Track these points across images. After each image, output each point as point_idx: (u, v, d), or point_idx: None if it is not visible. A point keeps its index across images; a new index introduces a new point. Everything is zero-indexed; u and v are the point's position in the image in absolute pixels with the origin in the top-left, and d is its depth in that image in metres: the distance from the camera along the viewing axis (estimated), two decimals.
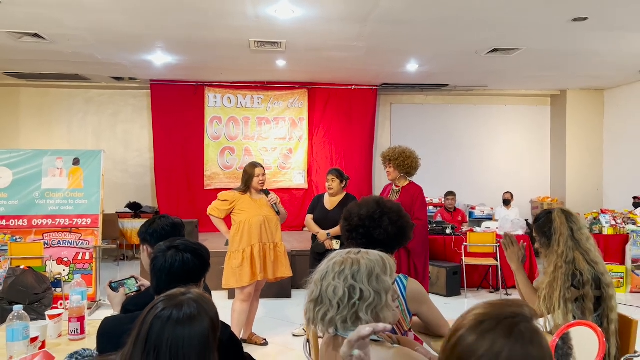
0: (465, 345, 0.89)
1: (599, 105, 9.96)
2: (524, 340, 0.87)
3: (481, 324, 0.90)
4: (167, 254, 1.81)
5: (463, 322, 0.93)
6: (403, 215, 2.29)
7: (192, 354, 1.15)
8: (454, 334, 0.93)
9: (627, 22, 5.75)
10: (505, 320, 0.89)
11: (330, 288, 1.51)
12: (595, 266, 2.44)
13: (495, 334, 0.87)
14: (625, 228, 7.19)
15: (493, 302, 0.97)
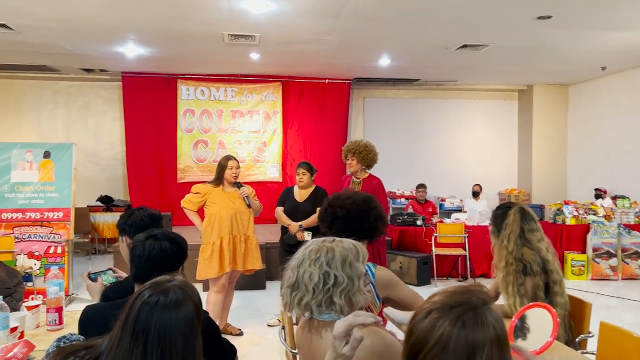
0: (420, 332, 0.97)
1: (564, 100, 10.30)
2: (468, 326, 0.94)
3: (429, 313, 0.97)
4: (146, 243, 1.87)
5: (419, 312, 1.00)
6: (383, 212, 2.44)
7: (178, 336, 1.22)
8: (411, 321, 1.00)
9: (590, 20, 5.99)
10: (454, 309, 0.96)
11: (306, 274, 1.60)
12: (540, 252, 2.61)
13: (444, 322, 0.94)
14: (587, 218, 7.51)
15: (447, 291, 1.03)
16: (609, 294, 6.52)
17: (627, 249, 7.26)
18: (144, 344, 1.20)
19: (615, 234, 7.28)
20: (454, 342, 0.92)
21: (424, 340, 0.95)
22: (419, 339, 0.95)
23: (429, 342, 0.94)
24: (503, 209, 2.81)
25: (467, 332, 0.93)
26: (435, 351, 0.93)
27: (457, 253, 6.99)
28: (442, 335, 0.93)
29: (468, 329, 0.94)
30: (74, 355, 1.26)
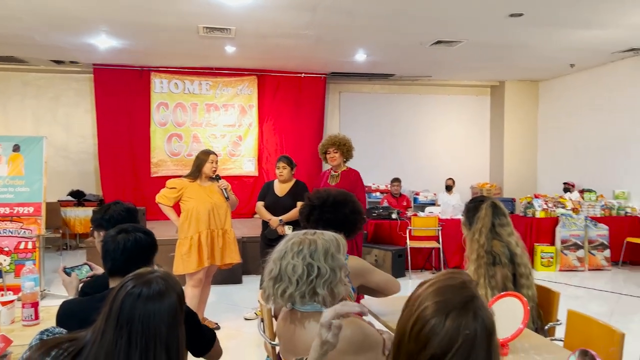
0: (444, 334, 0.99)
1: (534, 96, 10.55)
2: (484, 317, 1.01)
3: (448, 314, 1.00)
4: (118, 237, 1.88)
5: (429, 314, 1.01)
6: (360, 208, 2.49)
7: (162, 327, 1.24)
8: (424, 325, 1.01)
9: (560, 18, 6.15)
10: (468, 304, 1.01)
11: (289, 266, 1.63)
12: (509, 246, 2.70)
13: (467, 321, 0.98)
14: (556, 211, 7.73)
15: (446, 286, 1.05)
16: (576, 285, 6.74)
17: (593, 241, 7.50)
18: (128, 335, 1.21)
19: (582, 226, 7.52)
20: (480, 337, 0.98)
21: (451, 341, 0.97)
22: (444, 340, 0.97)
23: (456, 342, 0.97)
24: (475, 203, 2.89)
25: (485, 323, 1.00)
26: (465, 348, 0.96)
27: (431, 246, 7.11)
28: (469, 334, 0.97)
29: (485, 320, 1.00)
30: (58, 348, 1.27)
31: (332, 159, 4.80)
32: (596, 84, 8.96)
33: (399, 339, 1.05)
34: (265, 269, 1.71)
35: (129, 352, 1.21)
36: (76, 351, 1.26)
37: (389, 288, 2.43)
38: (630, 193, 8.23)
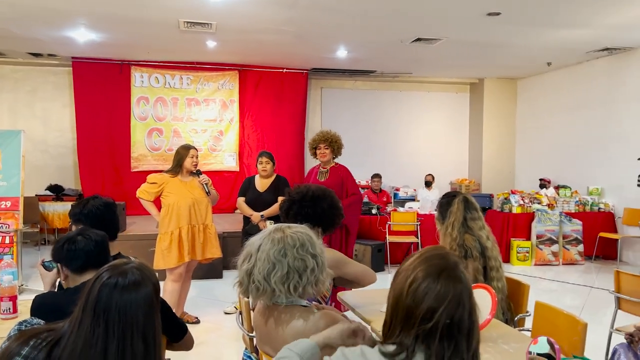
0: (435, 294, 1.22)
1: (513, 94, 10.73)
2: (468, 279, 1.28)
3: (439, 276, 1.24)
4: (78, 237, 1.93)
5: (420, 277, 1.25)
6: (335, 199, 2.55)
7: (139, 315, 1.28)
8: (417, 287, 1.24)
9: (537, 18, 6.28)
10: (456, 269, 1.26)
11: (265, 262, 1.65)
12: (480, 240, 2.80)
13: (456, 283, 1.23)
14: (532, 207, 7.90)
15: (433, 256, 1.29)
16: (551, 278, 6.92)
17: (567, 236, 7.70)
18: (105, 324, 1.25)
19: (557, 221, 7.70)
20: (464, 295, 1.23)
21: (442, 297, 1.20)
22: (437, 297, 1.20)
23: (446, 299, 1.20)
24: (448, 198, 2.97)
25: (467, 285, 1.25)
26: (452, 304, 1.20)
27: (410, 240, 7.22)
28: (455, 292, 1.21)
29: (467, 283, 1.26)
30: (36, 338, 1.30)
31: (323, 155, 4.84)
32: (572, 82, 9.15)
33: (397, 298, 1.27)
34: (241, 263, 1.74)
35: (106, 341, 1.25)
36: (54, 341, 1.29)
37: (365, 278, 2.50)
38: (604, 189, 8.45)
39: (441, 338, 1.19)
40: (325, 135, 4.81)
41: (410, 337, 1.22)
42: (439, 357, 1.19)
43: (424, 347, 1.21)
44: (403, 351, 1.22)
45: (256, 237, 1.77)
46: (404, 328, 1.23)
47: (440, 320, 1.19)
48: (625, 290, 3.26)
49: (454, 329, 1.20)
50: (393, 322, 1.27)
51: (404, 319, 1.24)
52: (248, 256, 1.72)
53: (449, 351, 1.19)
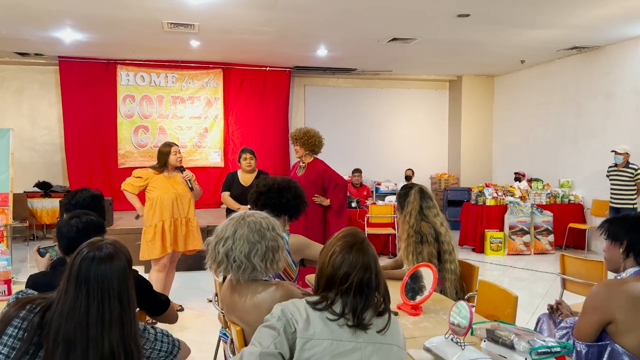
0: (349, 261, 1.60)
1: (490, 90, 11.07)
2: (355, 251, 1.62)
3: (351, 248, 1.62)
4: (71, 221, 2.18)
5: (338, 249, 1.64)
6: (300, 191, 2.82)
7: (114, 282, 1.55)
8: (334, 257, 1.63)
9: (506, 18, 6.58)
10: (365, 242, 1.66)
11: (236, 243, 1.94)
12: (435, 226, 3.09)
13: (364, 253, 1.62)
14: (505, 199, 8.24)
15: (346, 235, 1.68)
16: (522, 267, 7.25)
17: (538, 227, 8.05)
18: (86, 290, 1.52)
19: (529, 213, 8.05)
20: (372, 263, 1.61)
21: (354, 264, 1.58)
22: (351, 264, 1.58)
23: (357, 265, 1.58)
24: (406, 189, 3.27)
25: (373, 255, 1.65)
26: (362, 269, 1.58)
27: (387, 232, 7.53)
28: (364, 260, 1.60)
29: (373, 253, 1.65)
30: (31, 304, 1.56)
31: (296, 151, 5.10)
32: (544, 79, 9.51)
33: (321, 268, 1.65)
34: (214, 246, 2.00)
35: (88, 304, 1.52)
36: (46, 306, 1.56)
37: None
38: (574, 182, 8.81)
39: (355, 294, 1.57)
40: (296, 133, 5.05)
41: (332, 294, 1.59)
42: (353, 307, 1.56)
43: (341, 300, 1.58)
44: (324, 301, 1.58)
45: (226, 223, 2.04)
46: (326, 287, 1.61)
47: (354, 281, 1.57)
48: (569, 272, 3.58)
49: (364, 287, 1.58)
50: (319, 284, 1.64)
51: (327, 281, 1.61)
52: (224, 240, 1.99)
53: (361, 303, 1.57)
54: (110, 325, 1.54)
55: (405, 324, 2.31)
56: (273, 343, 1.51)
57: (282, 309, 1.58)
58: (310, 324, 1.54)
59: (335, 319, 1.55)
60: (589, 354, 1.94)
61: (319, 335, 1.53)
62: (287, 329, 1.53)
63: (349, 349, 1.53)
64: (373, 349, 1.54)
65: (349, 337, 1.54)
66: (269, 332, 1.54)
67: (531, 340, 1.74)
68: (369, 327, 1.56)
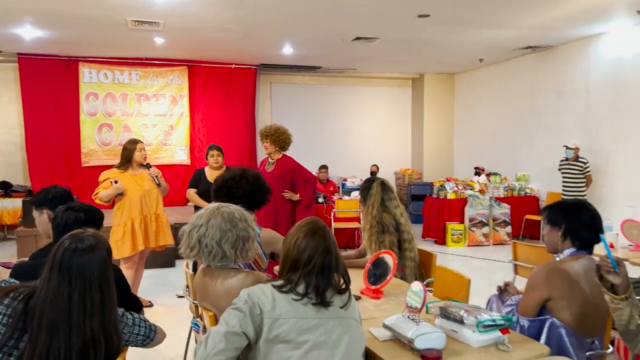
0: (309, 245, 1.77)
1: (451, 88, 11.43)
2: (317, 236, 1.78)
3: (315, 234, 1.79)
4: (65, 213, 2.24)
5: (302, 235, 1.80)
6: (260, 180, 2.90)
7: (95, 272, 1.66)
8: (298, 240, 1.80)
9: (464, 19, 6.84)
10: (325, 229, 1.82)
11: (209, 231, 2.06)
12: (395, 217, 3.28)
13: (323, 239, 1.78)
14: (465, 193, 8.57)
15: (307, 223, 1.84)
16: (482, 257, 7.58)
17: (497, 219, 8.41)
18: (69, 279, 1.62)
19: (487, 205, 8.40)
20: (333, 246, 1.79)
21: (317, 248, 1.75)
22: (313, 248, 1.75)
23: (319, 249, 1.74)
24: (368, 183, 3.45)
25: (332, 240, 1.81)
26: (322, 252, 1.74)
27: (353, 226, 7.73)
28: (325, 245, 1.77)
29: (332, 238, 1.82)
30: (14, 291, 1.65)
31: (265, 148, 5.21)
32: (502, 77, 9.90)
33: (286, 252, 1.80)
34: (189, 232, 2.12)
35: (70, 292, 1.62)
36: (30, 294, 1.65)
37: None
38: (530, 175, 9.23)
39: (317, 275, 1.74)
40: (263, 130, 5.16)
41: (296, 276, 1.75)
42: (316, 286, 1.73)
43: (304, 281, 1.74)
44: (289, 284, 1.74)
45: (201, 212, 2.17)
46: (291, 270, 1.77)
47: (317, 263, 1.74)
48: (520, 259, 3.84)
49: (325, 268, 1.75)
50: (284, 268, 1.79)
51: (293, 265, 1.77)
52: (198, 227, 2.11)
53: (323, 283, 1.74)
54: (92, 312, 1.64)
55: (368, 306, 2.49)
56: (239, 323, 1.65)
57: (248, 293, 1.72)
58: (276, 305, 1.69)
59: (299, 298, 1.71)
60: (531, 328, 2.16)
61: (285, 315, 1.68)
62: (253, 312, 1.67)
63: (313, 325, 1.69)
64: (335, 323, 1.71)
65: (313, 314, 1.70)
66: (236, 313, 1.68)
67: (478, 315, 1.93)
68: (330, 304, 1.73)
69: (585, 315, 2.11)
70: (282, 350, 1.65)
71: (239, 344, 1.65)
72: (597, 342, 2.19)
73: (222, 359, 1.61)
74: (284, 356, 1.65)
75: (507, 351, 1.89)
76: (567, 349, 2.07)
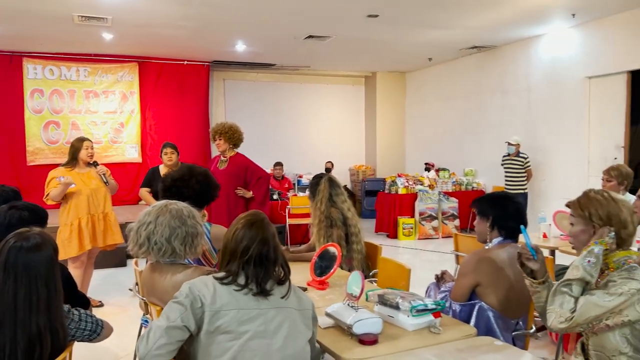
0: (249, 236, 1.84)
1: (402, 86, 11.73)
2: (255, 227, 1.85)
3: (252, 226, 1.87)
4: (9, 212, 2.24)
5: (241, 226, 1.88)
6: (209, 178, 2.95)
7: (41, 270, 1.69)
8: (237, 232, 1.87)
9: (411, 19, 7.07)
10: (265, 220, 1.91)
11: (158, 227, 2.11)
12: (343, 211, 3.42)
13: (262, 230, 1.86)
14: (415, 188, 8.85)
15: (247, 215, 1.93)
16: (431, 250, 7.86)
17: (445, 212, 8.74)
18: (14, 276, 1.65)
19: (436, 200, 8.71)
20: (271, 238, 1.86)
21: (253, 239, 1.82)
22: (250, 239, 1.81)
23: (256, 241, 1.81)
24: (316, 179, 3.57)
25: (272, 231, 1.88)
26: (261, 243, 1.82)
27: (307, 222, 7.84)
28: (263, 236, 1.84)
29: (272, 229, 1.89)
30: None
31: (218, 146, 5.20)
32: (450, 75, 10.25)
33: (226, 243, 1.87)
34: (137, 230, 2.16)
35: (16, 289, 1.65)
36: None
37: None
38: (477, 171, 9.62)
39: (255, 265, 1.80)
40: (217, 127, 5.16)
41: (235, 266, 1.81)
42: (255, 277, 1.80)
43: (244, 272, 1.80)
44: (230, 276, 1.80)
45: (149, 209, 2.20)
46: (230, 261, 1.83)
47: (254, 253, 1.80)
48: (461, 249, 4.06)
49: (263, 259, 1.81)
50: (224, 259, 1.86)
51: (231, 255, 1.84)
52: (146, 224, 2.15)
53: (262, 273, 1.81)
54: (38, 308, 1.68)
55: (314, 297, 2.60)
56: (180, 317, 1.71)
57: (190, 286, 1.77)
58: (217, 298, 1.75)
59: (240, 289, 1.78)
60: (462, 312, 2.33)
61: (226, 307, 1.74)
62: (194, 305, 1.73)
63: (253, 315, 1.76)
64: (275, 312, 1.79)
65: (253, 304, 1.78)
66: (177, 307, 1.74)
67: (412, 301, 2.08)
68: (270, 294, 1.80)
69: (510, 299, 2.30)
70: (223, 341, 1.72)
71: (180, 337, 1.72)
72: (522, 323, 2.40)
73: (163, 352, 1.68)
74: (225, 347, 1.72)
75: (438, 333, 2.04)
76: (494, 331, 2.25)
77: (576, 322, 1.73)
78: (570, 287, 1.77)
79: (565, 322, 1.74)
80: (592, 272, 1.76)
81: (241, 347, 1.72)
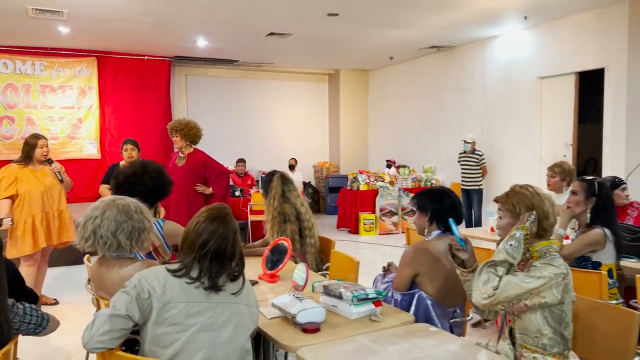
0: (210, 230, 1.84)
1: (365, 84, 11.89)
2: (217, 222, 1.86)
3: (213, 220, 1.87)
4: None
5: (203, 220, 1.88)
6: (162, 174, 2.97)
7: None
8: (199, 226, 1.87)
9: (371, 19, 7.20)
10: (228, 216, 1.91)
11: (104, 222, 2.14)
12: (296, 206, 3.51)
13: (226, 225, 1.87)
14: (376, 184, 9.02)
15: (209, 209, 1.93)
16: (392, 245, 8.03)
17: (405, 208, 8.93)
18: None
19: (396, 196, 8.90)
20: (231, 232, 1.87)
21: (214, 232, 1.82)
22: (211, 232, 1.82)
23: (216, 234, 1.82)
24: (269, 176, 3.65)
25: (234, 226, 1.91)
26: (220, 236, 1.83)
27: None
28: (223, 231, 1.84)
29: (234, 225, 1.92)
30: None
31: (175, 142, 5.19)
32: (410, 74, 10.47)
33: (186, 234, 1.87)
34: (84, 224, 2.18)
35: None
36: None
37: None
38: (436, 167, 9.87)
39: (211, 260, 1.81)
40: (172, 124, 5.14)
41: (190, 258, 1.83)
42: (209, 272, 1.81)
43: (199, 265, 1.82)
44: (184, 268, 1.82)
45: (96, 204, 2.23)
46: (187, 253, 1.84)
47: (211, 248, 1.81)
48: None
49: (220, 254, 1.83)
50: (182, 249, 1.87)
51: (189, 247, 1.84)
52: (93, 218, 2.18)
53: (216, 268, 1.82)
54: None
55: (264, 289, 2.68)
56: (125, 307, 1.75)
57: (139, 278, 1.81)
58: (167, 290, 1.79)
59: (191, 282, 1.80)
60: (403, 301, 2.45)
61: (176, 299, 1.78)
62: (140, 296, 1.76)
63: (202, 308, 1.80)
64: (224, 307, 1.83)
65: (203, 298, 1.81)
66: (124, 297, 1.78)
67: (354, 291, 2.18)
68: (222, 289, 1.83)
69: (447, 288, 2.43)
70: (170, 333, 1.77)
71: (124, 326, 1.76)
72: (459, 311, 2.53)
73: (106, 339, 1.72)
74: (173, 338, 1.77)
75: (378, 321, 2.15)
76: (432, 318, 2.38)
77: (497, 299, 1.89)
78: (495, 267, 1.92)
79: (487, 299, 1.89)
80: (514, 254, 1.92)
81: (188, 339, 1.76)
